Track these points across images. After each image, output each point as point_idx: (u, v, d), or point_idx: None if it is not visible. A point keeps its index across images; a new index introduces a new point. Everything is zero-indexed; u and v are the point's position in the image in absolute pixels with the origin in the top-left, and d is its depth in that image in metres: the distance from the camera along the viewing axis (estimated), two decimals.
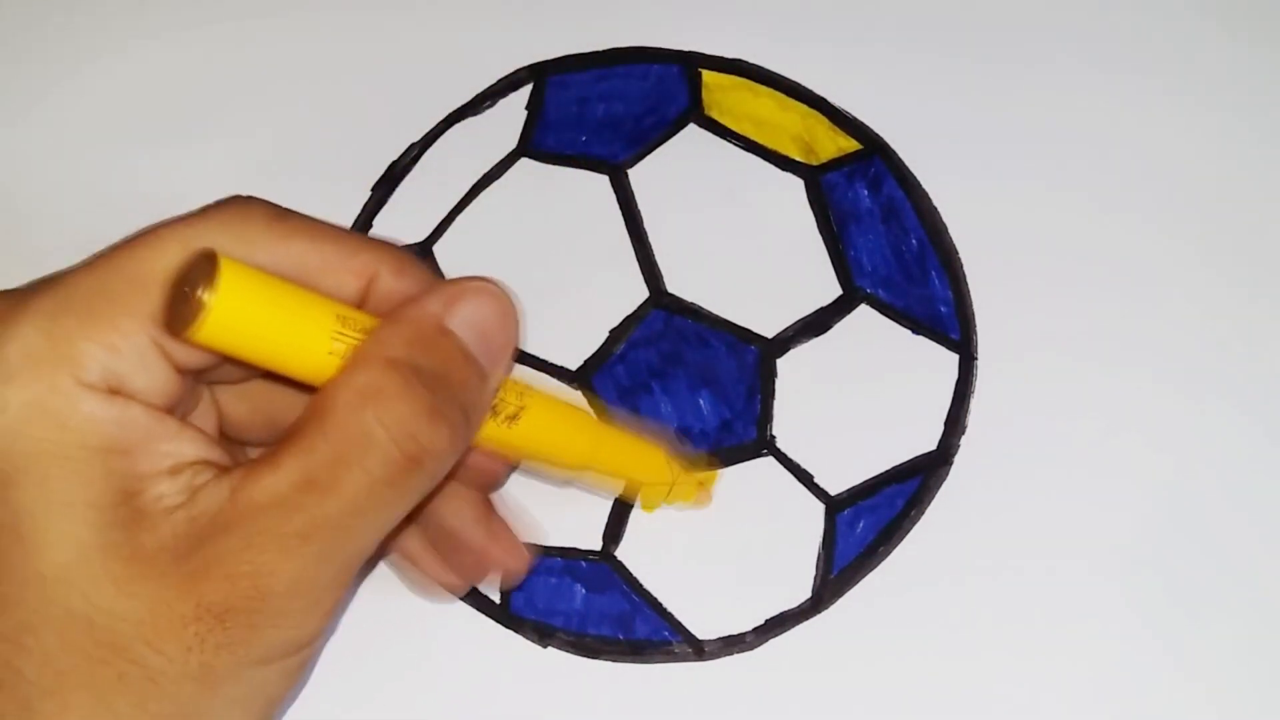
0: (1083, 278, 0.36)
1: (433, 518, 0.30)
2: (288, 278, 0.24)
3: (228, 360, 0.24)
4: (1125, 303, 0.36)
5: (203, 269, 0.22)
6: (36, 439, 0.23)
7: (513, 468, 0.33)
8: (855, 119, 0.38)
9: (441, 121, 0.39)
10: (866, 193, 0.37)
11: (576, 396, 0.31)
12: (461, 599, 0.34)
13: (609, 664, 0.33)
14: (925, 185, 0.37)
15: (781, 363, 0.35)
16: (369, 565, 0.32)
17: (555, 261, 0.37)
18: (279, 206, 0.26)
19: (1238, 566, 0.33)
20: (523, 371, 0.34)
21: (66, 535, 0.23)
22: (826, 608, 0.33)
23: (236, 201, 0.26)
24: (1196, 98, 0.38)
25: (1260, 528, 0.33)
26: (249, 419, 0.28)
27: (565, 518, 0.34)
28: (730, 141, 0.38)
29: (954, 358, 0.35)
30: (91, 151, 0.39)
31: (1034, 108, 0.38)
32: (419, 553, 0.31)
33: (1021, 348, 0.35)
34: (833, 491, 0.34)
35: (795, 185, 0.38)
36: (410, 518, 0.26)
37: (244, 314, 0.23)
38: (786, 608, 0.33)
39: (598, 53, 0.39)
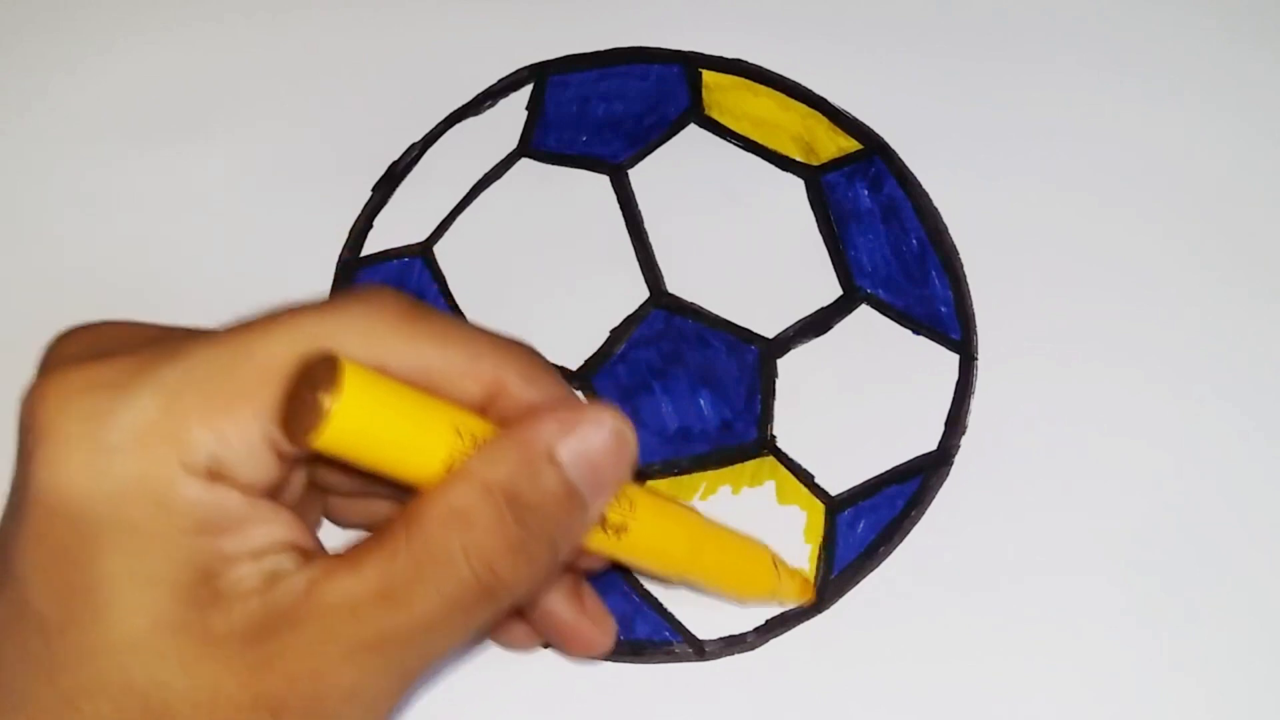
0: (1083, 278, 0.36)
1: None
2: (412, 380, 0.24)
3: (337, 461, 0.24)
4: (1125, 303, 0.36)
5: (326, 372, 0.22)
6: (132, 514, 0.22)
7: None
8: (855, 119, 0.38)
9: (442, 121, 0.39)
10: (867, 193, 0.37)
11: (681, 505, 0.30)
12: None
13: (609, 664, 0.33)
14: (925, 185, 0.37)
15: (782, 363, 0.36)
16: (430, 677, 0.32)
17: (555, 261, 0.37)
18: (411, 302, 0.25)
19: (1236, 566, 0.33)
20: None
21: (142, 608, 0.22)
22: (826, 608, 0.33)
23: (371, 295, 0.25)
24: (1197, 97, 0.38)
25: (1260, 528, 0.33)
26: (342, 483, 0.28)
27: None
28: (730, 141, 0.38)
29: (954, 358, 0.35)
30: (91, 151, 0.39)
31: (1034, 108, 0.38)
32: (505, 629, 0.31)
33: (1021, 348, 0.35)
34: (833, 491, 0.34)
35: (795, 185, 0.38)
36: None
37: (365, 423, 0.22)
38: (786, 608, 0.33)
39: (598, 53, 0.39)
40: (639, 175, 0.38)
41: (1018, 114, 0.38)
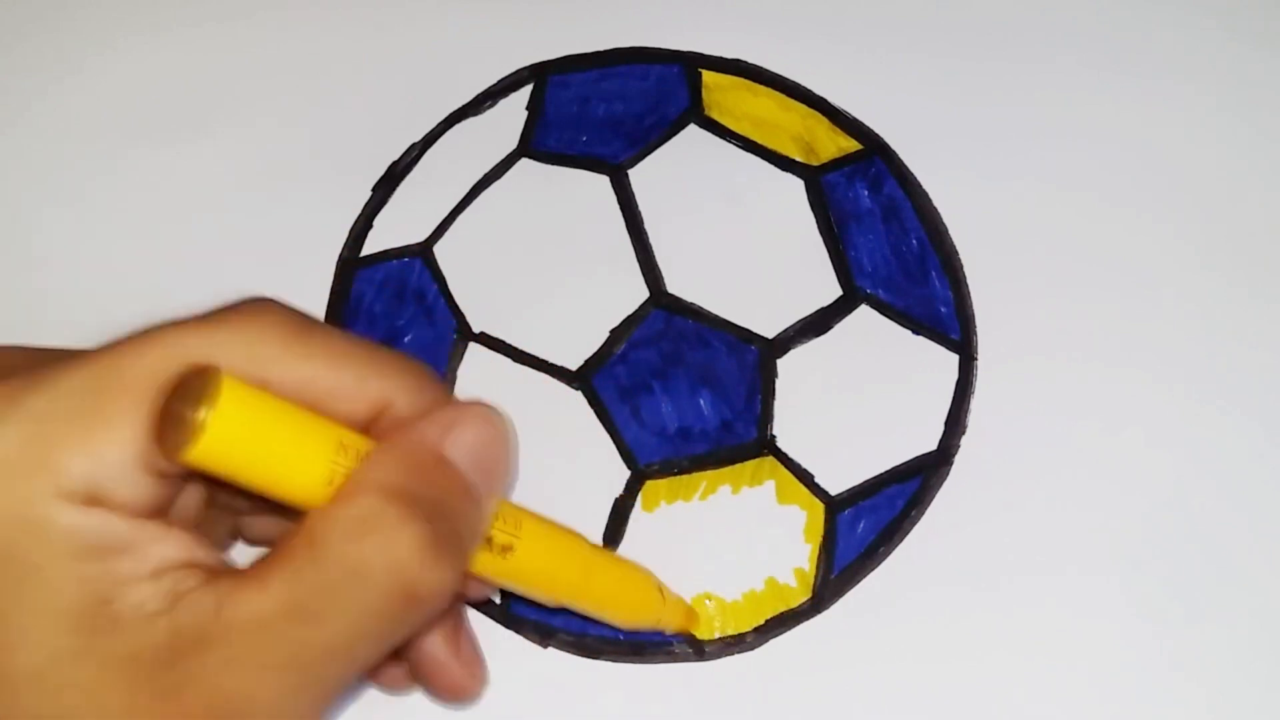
0: (1083, 278, 0.36)
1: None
2: (295, 397, 0.23)
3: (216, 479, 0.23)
4: (1125, 303, 0.36)
5: (202, 385, 0.22)
6: (10, 547, 0.22)
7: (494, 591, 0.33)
8: (855, 119, 0.38)
9: (442, 121, 0.39)
10: (867, 193, 0.37)
11: (567, 530, 0.30)
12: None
13: (609, 664, 0.33)
14: (925, 185, 0.37)
15: (782, 363, 0.36)
16: (352, 689, 0.31)
17: (555, 262, 0.37)
18: (298, 316, 0.25)
19: (1237, 565, 0.33)
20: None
21: (39, 641, 0.22)
22: (826, 608, 0.33)
23: (255, 310, 0.24)
24: (1197, 98, 0.38)
25: (1260, 528, 0.33)
26: (238, 501, 0.27)
27: (566, 518, 0.34)
28: (730, 142, 0.38)
29: (954, 358, 0.35)
30: (91, 151, 0.39)
31: (1034, 108, 0.38)
32: (384, 664, 0.30)
33: (1021, 348, 0.35)
34: (833, 491, 0.34)
35: (795, 185, 0.38)
36: None
37: (241, 438, 0.22)
38: (786, 608, 0.33)
39: (598, 53, 0.39)
40: (639, 175, 0.38)
41: (1018, 114, 0.38)
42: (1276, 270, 0.36)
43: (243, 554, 0.30)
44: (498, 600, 0.34)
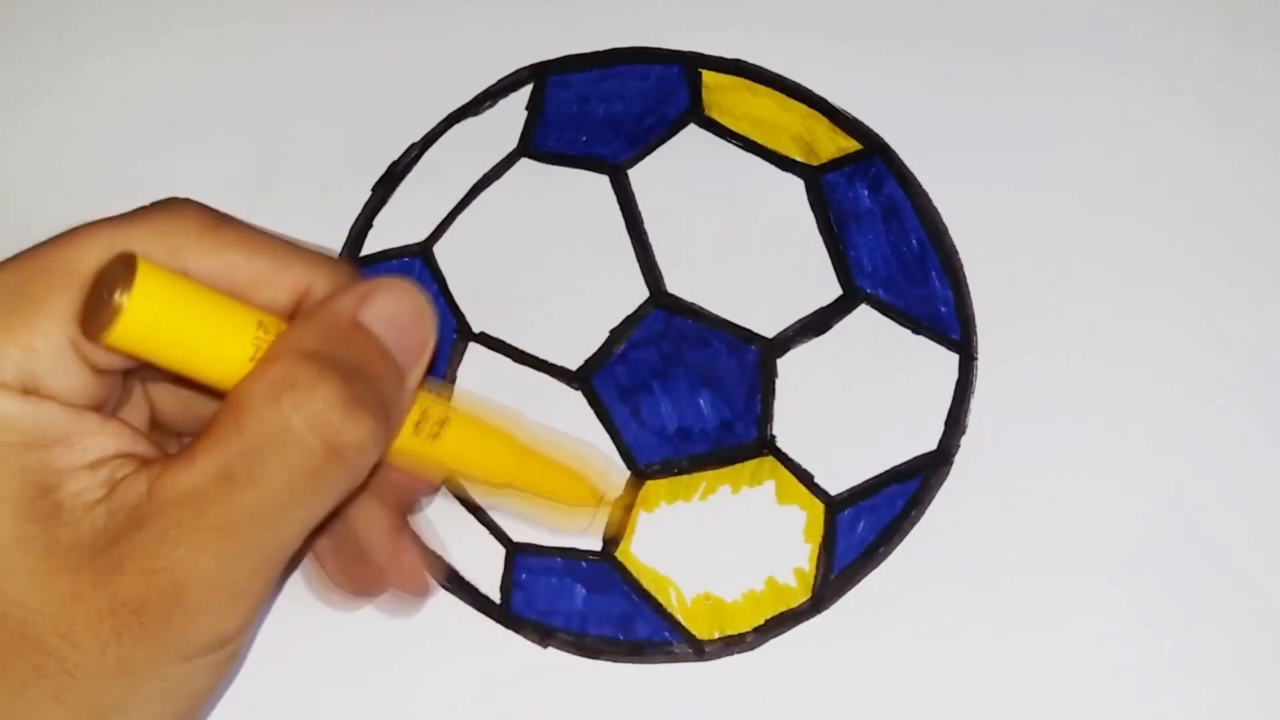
0: (1083, 278, 0.36)
1: (344, 523, 0.30)
2: (216, 287, 0.24)
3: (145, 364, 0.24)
4: (1125, 303, 0.36)
5: (122, 272, 0.22)
6: None
7: (434, 491, 0.33)
8: (855, 119, 0.38)
9: (441, 121, 0.39)
10: (867, 193, 0.37)
11: (501, 411, 0.30)
12: (462, 599, 0.34)
13: (609, 664, 0.33)
14: (925, 185, 0.37)
15: (782, 363, 0.35)
16: (293, 563, 0.31)
17: (555, 261, 0.37)
18: (216, 213, 0.26)
19: (1237, 565, 0.33)
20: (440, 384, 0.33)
21: None
22: (826, 608, 0.33)
23: (172, 206, 0.25)
24: (1196, 99, 0.38)
25: (1260, 528, 0.33)
26: (182, 414, 0.28)
27: (566, 518, 0.34)
28: (730, 141, 0.38)
29: (954, 358, 0.35)
30: (92, 151, 0.39)
31: (1034, 108, 0.38)
32: (324, 553, 0.31)
33: (1021, 348, 0.35)
34: (833, 491, 0.34)
35: (795, 185, 0.38)
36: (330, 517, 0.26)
37: (160, 319, 0.22)
38: (786, 608, 0.33)
39: (598, 53, 0.39)
40: (639, 175, 0.38)
41: (1018, 115, 0.38)
42: (1277, 271, 0.36)
43: None
44: (497, 599, 0.34)
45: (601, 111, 0.39)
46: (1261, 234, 0.36)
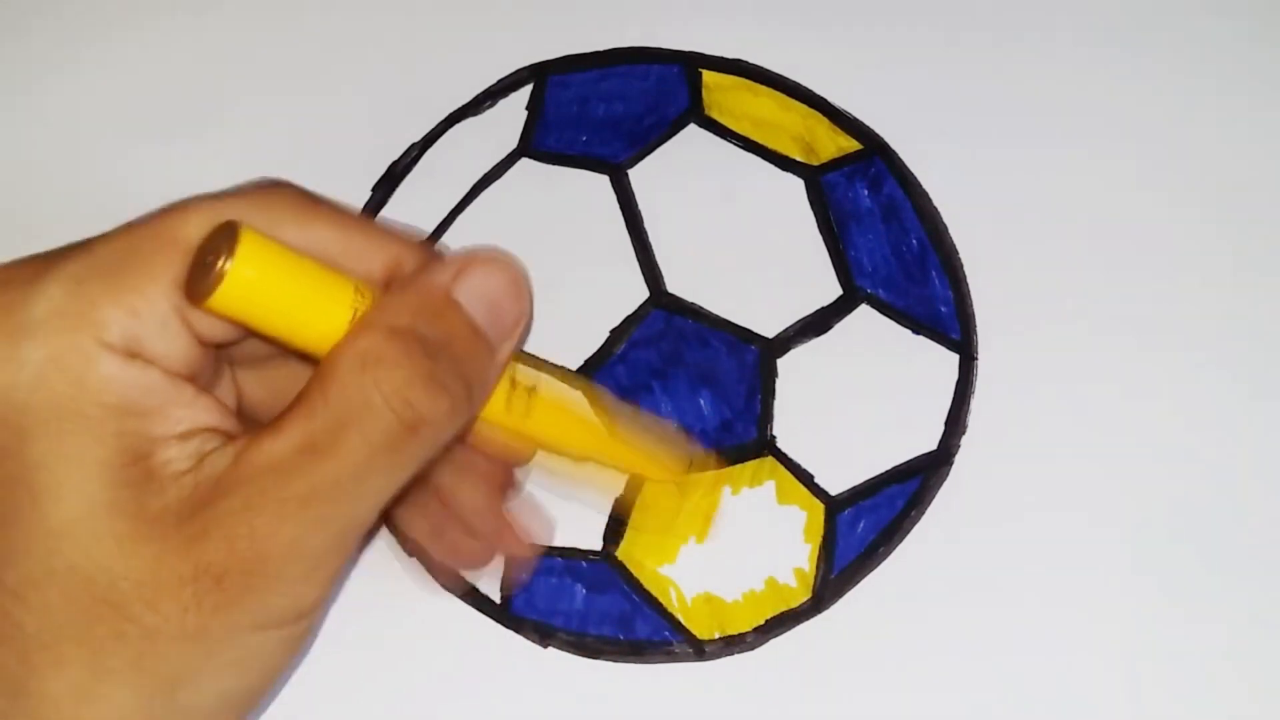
0: (1083, 278, 0.36)
1: (446, 497, 0.30)
2: (313, 258, 0.24)
3: (249, 334, 0.24)
4: (1125, 303, 0.36)
5: (225, 240, 0.23)
6: (54, 395, 0.23)
7: (527, 461, 0.33)
8: (855, 119, 0.38)
9: (442, 121, 0.39)
10: (867, 193, 0.37)
11: (581, 392, 0.31)
12: (462, 599, 0.34)
13: (609, 664, 0.33)
14: (925, 185, 0.37)
15: (782, 363, 0.35)
16: (369, 535, 0.32)
17: (555, 262, 0.37)
18: (310, 192, 0.26)
19: (1237, 566, 0.33)
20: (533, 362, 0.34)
21: (76, 491, 0.23)
22: (826, 608, 0.33)
23: (268, 183, 0.26)
24: (1198, 100, 0.38)
25: (1261, 528, 0.33)
26: (269, 401, 0.28)
27: (567, 518, 0.34)
28: (730, 141, 0.38)
29: (954, 358, 0.35)
30: (93, 150, 0.39)
31: (1035, 108, 0.38)
32: (428, 534, 0.31)
33: (1021, 348, 0.35)
34: (833, 491, 0.34)
35: (795, 185, 0.38)
36: (418, 490, 0.26)
37: (261, 285, 0.23)
38: (786, 608, 0.33)
39: (598, 53, 0.39)
40: (639, 175, 0.38)
41: (1018, 114, 0.38)
42: (1277, 271, 0.36)
43: None
44: (497, 599, 0.34)
45: (601, 111, 0.39)
46: (1263, 236, 0.36)
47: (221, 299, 0.23)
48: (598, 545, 0.34)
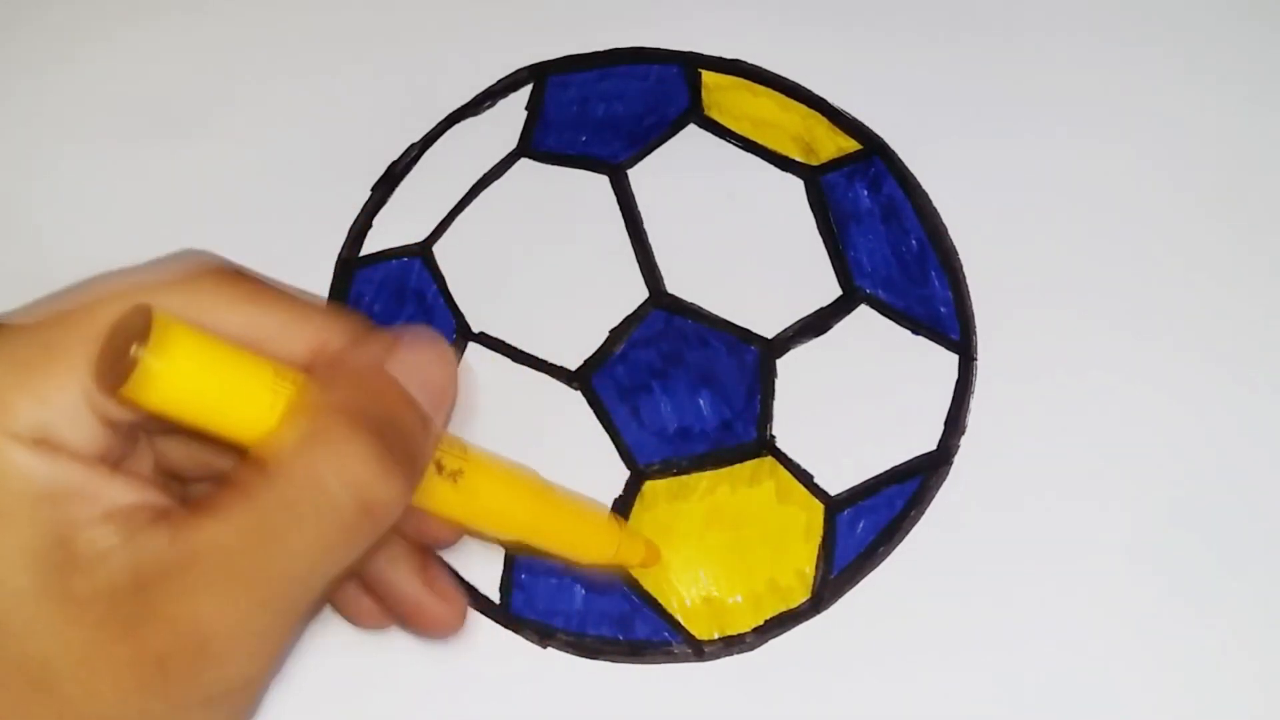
0: (1083, 278, 0.36)
1: (369, 565, 0.30)
2: (233, 340, 0.24)
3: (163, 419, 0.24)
4: (1125, 302, 0.36)
5: (139, 326, 0.22)
6: None
7: (454, 541, 0.33)
8: (855, 119, 0.38)
9: (441, 121, 0.39)
10: (866, 193, 0.37)
11: (519, 465, 0.30)
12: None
13: (609, 664, 0.33)
14: (925, 185, 0.37)
15: (781, 363, 0.35)
16: (317, 608, 0.32)
17: (555, 262, 0.37)
18: (232, 266, 0.26)
19: (1238, 565, 0.33)
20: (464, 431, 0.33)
21: (2, 582, 0.23)
22: (826, 608, 0.33)
23: (189, 258, 0.25)
24: (1199, 100, 0.38)
25: (1262, 528, 0.33)
26: (189, 462, 0.28)
27: None
28: (730, 142, 0.38)
29: (954, 358, 0.35)
30: (90, 149, 0.39)
31: (1034, 108, 0.38)
32: (352, 597, 0.31)
33: (1021, 348, 0.35)
34: (832, 492, 0.34)
35: (795, 185, 0.38)
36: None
37: (177, 373, 0.22)
38: (786, 608, 0.33)
39: (598, 53, 0.39)
40: (639, 175, 0.38)
41: (1018, 114, 0.38)
42: (1278, 271, 0.36)
43: None
44: (496, 600, 0.34)
45: (601, 111, 0.39)
46: (1263, 235, 0.36)
47: (134, 389, 0.22)
48: None
